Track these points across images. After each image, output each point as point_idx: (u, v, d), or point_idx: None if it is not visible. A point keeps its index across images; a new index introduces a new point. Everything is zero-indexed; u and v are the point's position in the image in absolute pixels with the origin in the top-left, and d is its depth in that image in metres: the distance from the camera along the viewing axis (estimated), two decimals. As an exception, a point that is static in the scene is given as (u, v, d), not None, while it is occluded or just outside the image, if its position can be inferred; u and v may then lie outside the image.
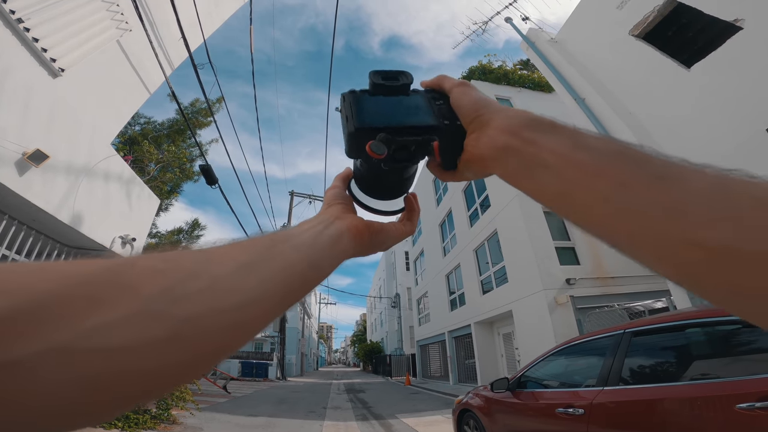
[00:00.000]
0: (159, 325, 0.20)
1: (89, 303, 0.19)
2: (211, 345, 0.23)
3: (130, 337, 0.19)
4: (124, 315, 0.19)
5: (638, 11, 6.17)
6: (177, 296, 0.22)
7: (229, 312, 0.24)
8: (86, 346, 0.18)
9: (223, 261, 0.26)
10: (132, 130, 10.86)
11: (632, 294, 9.22)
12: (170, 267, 0.23)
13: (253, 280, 0.26)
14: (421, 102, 0.45)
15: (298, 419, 7.65)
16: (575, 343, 3.16)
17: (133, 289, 0.21)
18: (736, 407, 1.67)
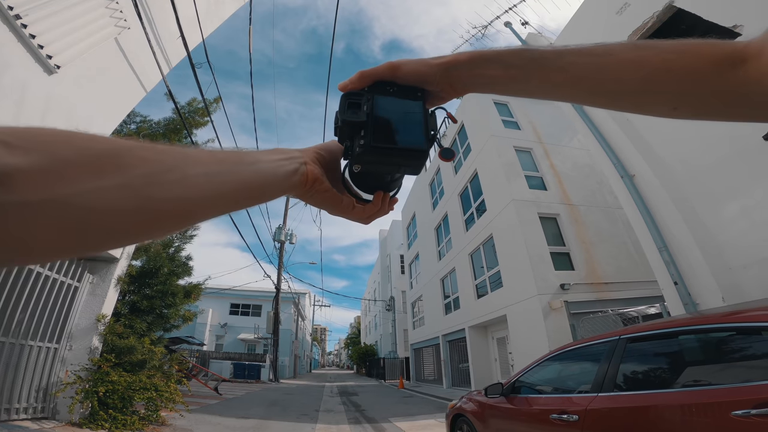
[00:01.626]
0: (133, 196, 0.27)
1: (90, 170, 0.26)
2: (163, 219, 0.31)
3: (111, 202, 0.26)
4: (112, 185, 0.26)
5: (637, 17, 6.22)
6: (155, 181, 0.29)
7: (186, 203, 0.32)
8: (77, 202, 0.25)
9: (197, 164, 0.33)
10: (127, 128, 10.76)
11: (626, 300, 9.27)
12: (157, 159, 0.30)
13: (212, 184, 0.33)
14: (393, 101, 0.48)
15: (290, 422, 7.59)
16: (570, 348, 3.15)
17: (125, 168, 0.27)
18: (732, 414, 1.66)
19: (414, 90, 0.49)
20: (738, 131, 4.76)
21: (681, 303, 5.20)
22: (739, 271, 4.71)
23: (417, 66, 0.48)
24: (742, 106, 0.43)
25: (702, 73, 0.41)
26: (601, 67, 0.44)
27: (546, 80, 0.46)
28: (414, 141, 0.45)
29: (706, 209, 5.22)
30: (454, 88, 0.50)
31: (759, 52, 0.39)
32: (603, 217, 11.25)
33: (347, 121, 0.45)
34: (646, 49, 0.43)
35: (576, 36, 7.84)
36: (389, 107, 0.46)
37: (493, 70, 0.47)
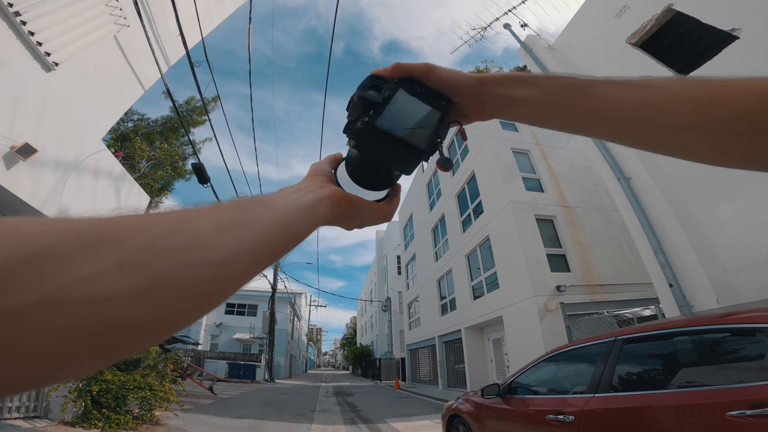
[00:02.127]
0: (140, 275, 0.22)
1: (77, 256, 0.20)
2: (189, 297, 0.24)
3: (113, 287, 0.20)
4: (108, 266, 0.21)
5: (636, 20, 6.25)
6: (158, 250, 0.23)
7: (206, 267, 0.25)
8: (73, 295, 0.19)
9: (203, 220, 0.28)
10: (124, 126, 10.72)
11: (621, 301, 9.31)
12: (153, 223, 0.25)
13: (231, 239, 0.28)
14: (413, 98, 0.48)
15: (286, 422, 7.57)
16: (566, 349, 3.16)
17: (118, 243, 0.22)
18: (727, 414, 1.68)
19: (440, 97, 0.48)
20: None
21: (676, 305, 5.23)
22: (734, 273, 4.75)
23: (452, 74, 0.47)
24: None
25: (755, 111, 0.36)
26: (643, 99, 0.41)
27: (583, 110, 0.43)
28: (417, 139, 0.45)
29: (701, 212, 5.26)
30: (482, 108, 0.49)
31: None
32: (599, 219, 11.30)
33: (362, 97, 0.45)
34: (692, 83, 0.40)
35: (575, 38, 7.88)
36: (408, 104, 0.46)
37: (526, 92, 0.45)
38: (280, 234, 0.33)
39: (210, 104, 11.48)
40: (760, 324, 1.82)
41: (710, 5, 5.14)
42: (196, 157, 9.35)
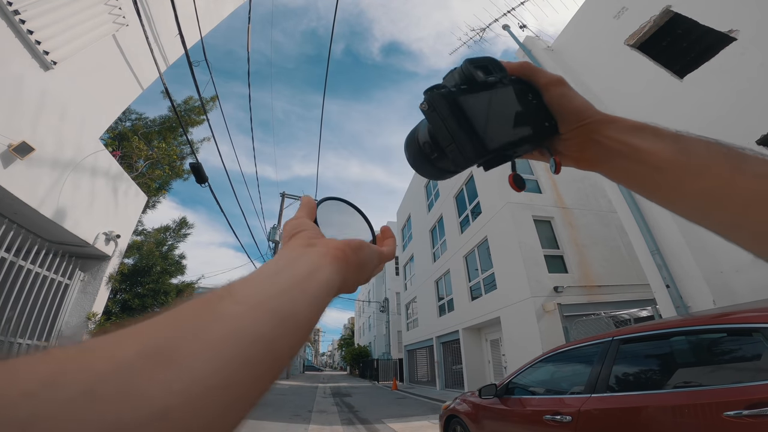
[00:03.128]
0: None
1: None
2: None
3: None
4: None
5: (635, 21, 6.28)
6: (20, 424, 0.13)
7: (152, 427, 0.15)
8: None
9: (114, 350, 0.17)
10: (122, 125, 10.69)
11: (618, 302, 9.34)
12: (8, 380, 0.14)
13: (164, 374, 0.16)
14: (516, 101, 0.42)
15: (283, 422, 7.55)
16: (563, 350, 3.17)
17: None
18: (724, 414, 1.68)
19: (548, 117, 0.42)
20: (731, 136, 4.81)
21: (673, 306, 5.25)
22: (730, 274, 4.77)
23: (578, 98, 0.41)
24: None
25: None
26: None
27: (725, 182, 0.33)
28: (490, 136, 0.38)
29: (698, 213, 5.28)
30: (585, 149, 0.41)
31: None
32: (596, 220, 11.33)
33: (468, 69, 0.40)
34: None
35: (574, 40, 7.91)
36: (508, 104, 0.41)
37: (657, 147, 0.37)
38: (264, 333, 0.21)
39: (208, 104, 11.46)
40: (756, 324, 1.83)
41: (708, 7, 5.17)
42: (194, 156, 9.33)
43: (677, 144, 0.36)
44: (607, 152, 0.40)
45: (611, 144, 0.39)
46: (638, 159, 0.38)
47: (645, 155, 0.37)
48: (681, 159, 0.35)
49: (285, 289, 0.24)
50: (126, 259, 7.18)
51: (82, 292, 5.79)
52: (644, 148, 0.37)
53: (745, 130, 4.65)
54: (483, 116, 0.38)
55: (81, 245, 5.32)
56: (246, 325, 0.20)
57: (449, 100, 0.38)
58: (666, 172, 0.36)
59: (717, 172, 0.33)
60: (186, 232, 10.91)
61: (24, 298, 4.81)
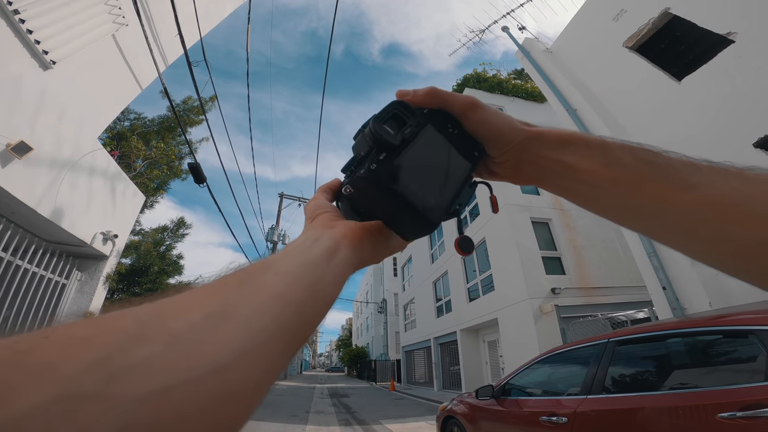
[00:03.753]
0: (96, 413, 0.14)
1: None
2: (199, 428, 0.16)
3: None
4: (37, 406, 0.13)
5: (633, 23, 6.31)
6: (116, 370, 0.15)
7: (202, 380, 0.17)
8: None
9: (182, 312, 0.19)
10: (120, 125, 10.67)
11: (615, 304, 9.37)
12: (100, 331, 0.17)
13: (230, 329, 0.19)
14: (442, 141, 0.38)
15: (280, 423, 7.54)
16: (560, 351, 3.18)
17: (48, 367, 0.14)
18: (718, 416, 1.70)
19: (474, 145, 0.39)
20: (728, 139, 4.85)
21: (669, 308, 5.27)
22: (726, 277, 4.76)
23: (499, 120, 0.38)
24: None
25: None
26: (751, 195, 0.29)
27: (660, 198, 0.32)
28: (430, 205, 0.35)
29: (694, 216, 5.30)
30: (520, 169, 0.40)
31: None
32: (594, 222, 11.36)
33: (377, 133, 0.34)
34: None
35: (573, 42, 7.94)
36: (434, 149, 0.37)
37: (586, 163, 0.35)
38: (298, 300, 0.24)
39: (207, 104, 11.46)
40: (751, 326, 1.84)
41: (706, 9, 5.19)
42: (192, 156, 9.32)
43: (605, 156, 0.35)
44: (541, 171, 0.38)
45: (543, 162, 0.37)
46: (572, 177, 0.36)
47: (577, 172, 0.36)
48: (612, 173, 0.34)
49: (313, 265, 0.28)
50: (123, 258, 7.17)
51: (79, 292, 5.78)
52: (574, 164, 0.36)
53: (743, 133, 4.68)
54: (419, 180, 0.35)
55: (78, 245, 5.31)
56: (284, 292, 0.24)
57: (375, 181, 0.33)
58: (603, 188, 0.35)
59: (648, 186, 0.32)
60: (184, 232, 10.91)
61: (21, 297, 4.80)
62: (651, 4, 5.99)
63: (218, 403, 0.17)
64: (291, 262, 0.27)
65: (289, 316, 0.23)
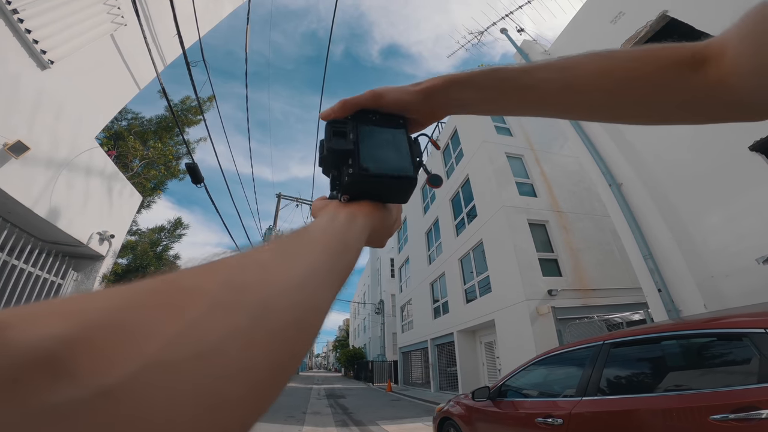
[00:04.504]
0: (237, 314, 0.20)
1: (161, 310, 0.17)
2: (291, 327, 0.23)
3: (218, 332, 0.18)
4: (201, 312, 0.18)
5: (631, 26, 6.32)
6: (239, 286, 0.21)
7: (290, 293, 0.24)
8: (180, 353, 0.16)
9: (263, 253, 0.27)
10: (118, 125, 10.64)
11: (611, 306, 9.41)
12: (218, 266, 0.23)
13: (298, 262, 0.27)
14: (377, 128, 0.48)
15: (277, 424, 7.53)
16: (556, 353, 3.20)
17: (197, 288, 0.20)
18: (710, 418, 1.71)
19: (396, 118, 0.49)
20: (724, 142, 4.87)
21: (664, 310, 5.30)
22: (721, 279, 4.82)
23: (399, 94, 0.48)
24: (709, 108, 0.42)
25: (664, 79, 0.41)
26: (569, 81, 0.44)
27: (518, 99, 0.47)
28: (402, 168, 0.45)
29: (690, 218, 5.34)
30: (433, 113, 0.51)
31: (720, 52, 0.38)
32: (591, 224, 11.41)
33: (334, 149, 0.44)
34: (609, 59, 0.43)
35: (570, 44, 7.98)
36: (374, 135, 0.46)
37: (467, 94, 0.48)
38: (338, 250, 0.33)
39: (206, 104, 11.44)
40: (745, 329, 1.85)
41: (704, 12, 5.21)
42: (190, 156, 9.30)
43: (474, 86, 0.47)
44: (447, 107, 0.49)
45: (444, 102, 0.49)
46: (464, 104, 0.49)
47: (464, 101, 0.48)
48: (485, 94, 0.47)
49: (340, 227, 0.36)
50: (120, 259, 7.15)
51: (75, 292, 5.76)
52: (461, 97, 0.48)
53: (738, 135, 4.70)
54: (383, 161, 0.44)
55: (75, 245, 5.29)
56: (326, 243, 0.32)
57: (358, 179, 0.43)
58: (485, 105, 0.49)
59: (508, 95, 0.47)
60: (181, 233, 10.88)
61: (17, 297, 4.78)
62: (649, 6, 6.02)
63: (295, 311, 0.24)
64: (323, 227, 0.35)
65: (331, 259, 0.31)
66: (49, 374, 0.13)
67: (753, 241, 4.49)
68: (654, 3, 5.92)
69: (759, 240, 4.42)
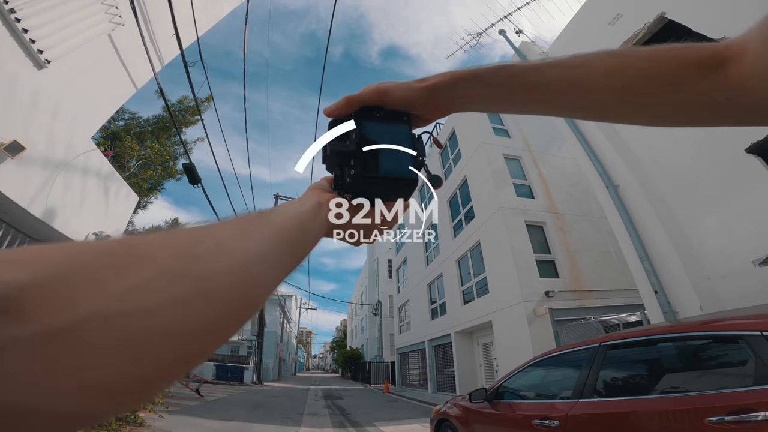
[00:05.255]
0: (181, 283, 0.22)
1: (112, 270, 0.20)
2: (232, 301, 0.25)
3: (159, 297, 0.20)
4: (148, 277, 0.20)
5: (629, 28, 6.33)
6: (190, 258, 0.23)
7: (237, 270, 0.26)
8: (122, 308, 0.18)
9: (221, 230, 0.29)
10: (115, 125, 10.60)
11: (608, 307, 9.42)
12: (176, 237, 0.25)
13: (251, 242, 0.29)
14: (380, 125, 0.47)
15: (274, 425, 7.50)
16: (552, 355, 3.20)
17: (150, 256, 0.22)
18: (706, 420, 1.71)
19: (400, 114, 0.48)
20: (721, 144, 4.89)
21: (661, 311, 5.32)
22: (717, 281, 4.84)
23: (403, 91, 0.47)
24: (727, 111, 0.41)
25: (681, 79, 0.39)
26: (579, 79, 0.43)
27: (526, 97, 0.46)
28: (403, 169, 0.45)
29: (687, 220, 5.37)
30: (438, 110, 0.50)
31: (740, 53, 0.37)
32: (588, 226, 11.44)
33: (336, 150, 0.44)
34: (622, 58, 0.42)
35: (568, 46, 7.99)
36: (377, 133, 0.46)
37: (474, 90, 0.47)
38: (294, 235, 0.35)
39: (203, 104, 11.42)
40: (741, 331, 1.86)
41: (701, 14, 5.22)
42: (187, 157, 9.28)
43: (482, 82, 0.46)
44: (451, 104, 0.49)
45: (449, 99, 0.48)
46: (470, 101, 0.48)
47: (470, 98, 0.48)
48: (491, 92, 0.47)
49: (303, 214, 0.39)
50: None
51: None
52: (467, 94, 0.47)
53: (735, 138, 4.72)
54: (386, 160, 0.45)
55: (71, 245, 5.26)
56: (284, 226, 0.34)
57: (360, 180, 0.44)
58: (490, 102, 0.48)
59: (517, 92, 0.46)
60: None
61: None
62: (647, 8, 6.04)
63: (244, 286, 0.26)
64: (290, 210, 0.38)
65: (286, 243, 0.33)
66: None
67: (749, 243, 4.51)
68: (652, 5, 5.94)
69: (755, 242, 4.44)
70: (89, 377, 0.17)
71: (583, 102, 0.45)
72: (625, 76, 0.41)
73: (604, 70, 0.42)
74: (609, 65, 0.42)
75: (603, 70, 0.42)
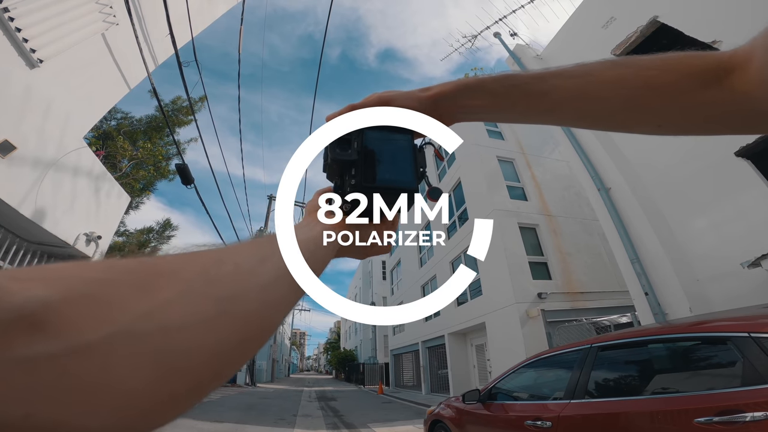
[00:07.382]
0: (205, 302, 0.22)
1: (137, 289, 0.20)
2: (252, 322, 0.26)
3: (184, 315, 0.21)
4: (172, 296, 0.21)
5: (622, 31, 6.41)
6: (212, 278, 0.24)
7: (257, 291, 0.27)
8: (147, 326, 0.19)
9: (238, 253, 0.29)
10: (107, 124, 10.49)
11: (599, 309, 9.51)
12: (199, 257, 0.26)
13: (267, 266, 0.29)
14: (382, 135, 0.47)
15: (267, 426, 7.46)
16: (545, 356, 3.23)
17: (174, 274, 0.22)
18: (695, 421, 1.74)
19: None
20: (711, 147, 4.96)
21: (651, 313, 5.38)
22: (706, 283, 4.92)
23: (406, 100, 0.47)
24: (731, 120, 0.40)
25: (685, 88, 0.39)
26: (583, 89, 0.43)
27: (530, 107, 0.46)
28: (404, 180, 0.45)
29: (677, 223, 5.44)
30: (441, 120, 0.50)
31: (746, 62, 0.37)
32: (580, 228, 11.54)
33: (338, 159, 0.44)
34: (626, 67, 0.42)
35: (563, 48, 8.07)
36: (379, 143, 0.45)
37: (478, 100, 0.47)
38: (307, 259, 0.35)
39: (197, 104, 11.34)
40: (730, 333, 1.88)
41: (693, 18, 5.29)
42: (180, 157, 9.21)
43: (485, 92, 0.46)
44: (455, 114, 0.49)
45: (452, 109, 0.48)
46: (473, 111, 0.48)
47: (474, 108, 0.48)
48: (494, 101, 0.47)
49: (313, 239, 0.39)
50: (108, 260, 7.03)
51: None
52: (471, 104, 0.47)
53: (727, 142, 4.78)
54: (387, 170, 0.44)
55: (61, 246, 5.20)
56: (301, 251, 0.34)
57: (360, 190, 0.43)
58: (493, 113, 0.48)
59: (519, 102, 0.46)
60: (170, 234, 10.75)
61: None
62: (639, 12, 6.11)
63: (263, 307, 0.27)
64: (298, 235, 0.37)
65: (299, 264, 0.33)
66: (28, 331, 0.15)
67: (738, 245, 4.59)
68: (645, 9, 6.02)
69: (744, 245, 4.51)
70: (119, 394, 0.17)
71: (587, 111, 0.45)
72: (629, 85, 0.41)
73: (607, 79, 0.42)
74: (612, 74, 0.42)
75: (606, 80, 0.42)
